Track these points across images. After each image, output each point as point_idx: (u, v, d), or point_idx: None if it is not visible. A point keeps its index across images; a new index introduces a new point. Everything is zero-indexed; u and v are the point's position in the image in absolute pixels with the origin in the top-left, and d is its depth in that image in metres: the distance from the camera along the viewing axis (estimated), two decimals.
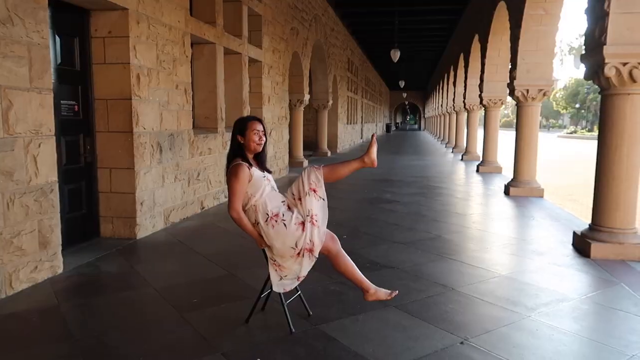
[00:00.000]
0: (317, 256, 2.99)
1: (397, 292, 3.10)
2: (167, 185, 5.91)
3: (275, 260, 3.02)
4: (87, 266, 4.38)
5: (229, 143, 7.92)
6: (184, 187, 6.35)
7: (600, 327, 3.30)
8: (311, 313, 3.32)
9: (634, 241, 4.75)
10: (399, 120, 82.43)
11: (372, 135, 3.12)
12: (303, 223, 2.93)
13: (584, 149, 29.61)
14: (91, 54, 5.07)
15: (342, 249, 3.10)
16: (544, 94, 8.46)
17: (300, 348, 2.85)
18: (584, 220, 6.89)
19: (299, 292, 3.28)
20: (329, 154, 17.71)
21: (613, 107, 4.75)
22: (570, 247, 5.25)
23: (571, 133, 55.27)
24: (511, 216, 7.23)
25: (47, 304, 3.51)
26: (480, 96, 12.54)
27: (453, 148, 21.09)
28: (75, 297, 3.69)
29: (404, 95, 51.28)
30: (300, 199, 2.99)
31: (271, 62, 10.05)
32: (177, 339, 2.97)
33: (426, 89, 52.88)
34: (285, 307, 3.07)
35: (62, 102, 4.72)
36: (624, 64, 4.54)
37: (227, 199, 3.00)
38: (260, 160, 3.17)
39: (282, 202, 3.07)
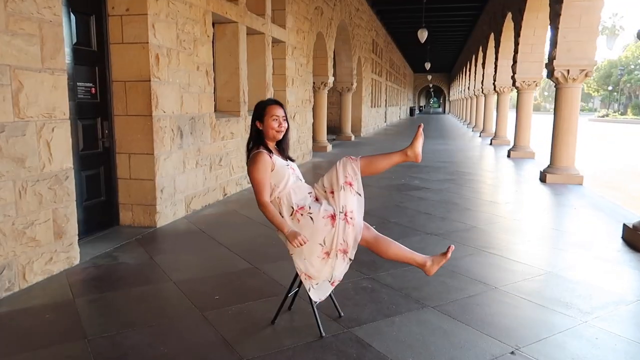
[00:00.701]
0: (352, 258, 2.69)
1: (452, 247, 2.74)
2: (188, 171, 5.67)
3: (301, 270, 2.71)
4: (105, 257, 4.17)
5: None
6: (205, 173, 6.11)
7: None
8: (342, 314, 3.04)
9: None
10: (422, 103, 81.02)
11: (419, 126, 2.72)
12: (333, 216, 2.63)
13: (618, 133, 28.51)
14: (108, 33, 4.82)
15: (379, 234, 2.80)
16: (586, 75, 7.92)
17: (332, 356, 2.57)
18: (630, 211, 6.43)
19: (326, 296, 2.99)
20: (353, 138, 17.33)
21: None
22: (620, 240, 4.84)
23: (603, 116, 53.40)
24: (550, 205, 6.80)
25: (61, 299, 3.31)
26: (512, 77, 11.96)
27: (481, 132, 20.45)
28: (90, 292, 3.48)
29: (429, 77, 50.14)
30: (332, 192, 2.68)
31: (295, 43, 9.69)
32: (197, 341, 2.73)
33: (451, 71, 51.65)
34: (315, 309, 2.80)
35: (78, 84, 4.49)
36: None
37: (249, 185, 2.70)
38: (281, 149, 2.87)
39: (308, 193, 2.77)
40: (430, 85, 59.89)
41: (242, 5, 6.98)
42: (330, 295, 2.98)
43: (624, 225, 4.90)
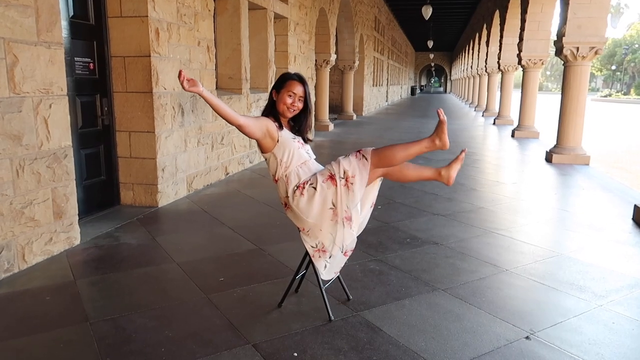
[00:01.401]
0: (355, 228, 2.58)
1: (465, 149, 2.65)
2: (189, 150, 5.55)
3: (314, 247, 2.61)
4: (106, 237, 4.09)
5: (254, 105, 7.53)
6: (207, 151, 5.99)
7: None
8: (351, 297, 2.96)
9: None
10: (423, 82, 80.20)
11: (439, 112, 2.50)
12: (332, 177, 2.50)
13: (622, 113, 28.27)
14: (106, 5, 4.64)
15: (389, 155, 2.49)
16: (596, 53, 7.72)
17: (341, 340, 2.50)
18: (638, 192, 6.34)
19: (338, 273, 2.90)
20: (355, 117, 17.14)
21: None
22: (631, 221, 4.75)
23: (605, 96, 52.94)
24: (557, 185, 6.70)
25: (62, 280, 3.22)
26: (518, 56, 11.74)
27: (483, 112, 20.23)
28: (92, 273, 3.39)
29: (431, 56, 49.52)
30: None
31: (297, 19, 9.45)
32: (203, 325, 2.64)
33: (453, 50, 50.98)
34: (324, 292, 2.71)
35: (76, 59, 4.33)
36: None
37: (252, 164, 2.58)
38: (296, 130, 2.73)
39: (318, 172, 2.64)
40: (432, 64, 59.18)
41: None
42: (338, 277, 2.90)
43: (635, 206, 4.81)
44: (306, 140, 2.76)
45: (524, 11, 11.45)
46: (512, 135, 12.27)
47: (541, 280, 3.31)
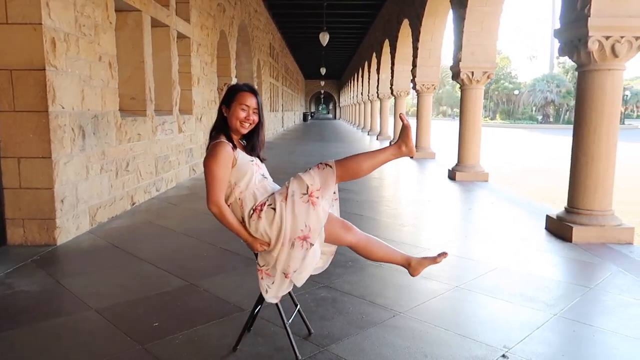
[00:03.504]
0: (313, 244, 2.25)
1: (446, 253, 2.49)
2: (92, 178, 4.87)
3: (264, 266, 2.31)
4: None
5: (159, 129, 6.95)
6: (111, 179, 5.32)
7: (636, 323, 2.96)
8: (312, 331, 2.66)
9: (613, 223, 4.60)
10: (313, 109, 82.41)
11: (401, 116, 2.32)
12: (287, 197, 2.24)
13: (492, 135, 31.25)
14: None
15: (364, 233, 2.43)
16: (488, 77, 8.35)
17: None
18: (537, 204, 6.84)
19: (298, 306, 2.60)
20: None
21: (593, 83, 4.53)
22: (544, 231, 5.04)
23: None
24: (468, 201, 7.00)
25: None
26: (413, 81, 12.39)
27: (378, 135, 21.09)
28: None
29: (322, 83, 51.09)
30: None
31: (200, 40, 9.03)
32: None
33: (341, 78, 53.14)
34: (288, 328, 2.38)
35: None
36: (607, 38, 4.32)
37: (158, 192, 2.21)
38: (250, 146, 2.42)
39: (277, 193, 2.35)
40: (322, 92, 61.10)
41: None
42: (300, 311, 2.60)
43: (547, 216, 5.12)
44: (262, 160, 2.46)
45: (415, 39, 12.15)
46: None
47: (493, 294, 3.29)
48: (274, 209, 2.23)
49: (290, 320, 2.45)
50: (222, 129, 2.32)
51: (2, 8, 3.94)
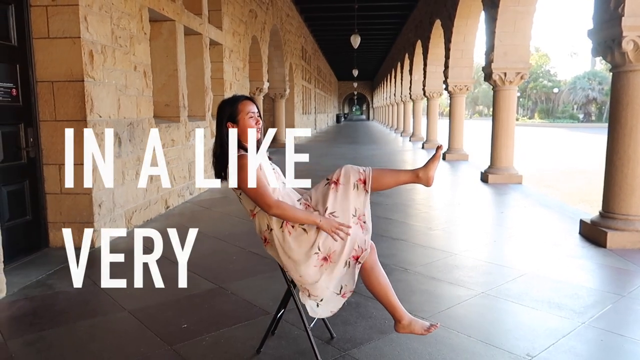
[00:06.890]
0: (361, 262, 2.28)
1: (438, 325, 2.37)
2: (127, 183, 5.07)
3: (302, 285, 2.32)
4: (38, 285, 3.54)
5: (192, 134, 7.14)
6: (146, 184, 5.52)
7: None
8: (335, 335, 2.71)
9: None
10: (346, 110, 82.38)
11: (438, 148, 2.32)
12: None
13: (532, 135, 30.48)
14: (30, 26, 4.16)
15: (378, 260, 2.42)
16: (521, 78, 8.19)
17: None
18: (573, 207, 6.66)
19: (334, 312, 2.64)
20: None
21: (629, 85, 4.40)
22: (578, 235, 4.91)
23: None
24: (500, 204, 6.89)
25: None
26: (445, 82, 12.26)
27: (410, 137, 20.93)
28: (26, 331, 2.87)
29: (355, 85, 51.05)
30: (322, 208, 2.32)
31: (232, 46, 9.23)
32: None
33: (374, 79, 52.94)
34: (310, 333, 2.43)
35: None
36: None
37: (192, 196, 2.27)
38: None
39: (297, 201, 2.40)
40: (355, 93, 61.04)
41: (179, 3, 6.46)
42: None
43: (581, 220, 4.99)
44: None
45: (447, 40, 12.02)
46: (444, 158, 12.68)
47: (518, 300, 3.25)
48: (305, 230, 2.27)
49: (312, 324, 2.51)
50: (240, 146, 2.33)
51: (44, 24, 4.17)
